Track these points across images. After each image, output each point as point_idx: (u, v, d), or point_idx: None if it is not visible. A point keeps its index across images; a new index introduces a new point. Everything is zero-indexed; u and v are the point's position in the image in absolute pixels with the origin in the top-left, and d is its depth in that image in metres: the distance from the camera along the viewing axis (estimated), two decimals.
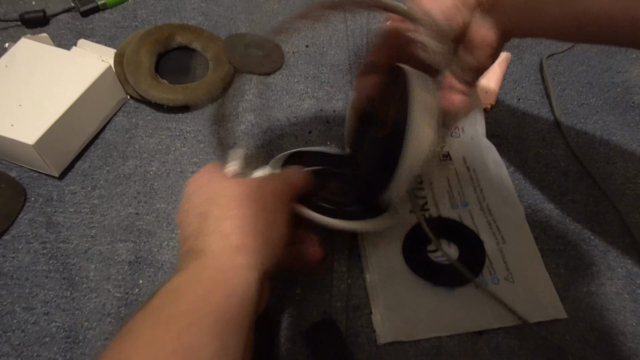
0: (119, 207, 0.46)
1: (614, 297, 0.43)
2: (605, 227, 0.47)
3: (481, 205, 0.46)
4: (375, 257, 0.42)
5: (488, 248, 0.43)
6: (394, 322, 0.39)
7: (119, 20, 0.60)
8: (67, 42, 0.57)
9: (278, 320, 0.40)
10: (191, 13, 0.61)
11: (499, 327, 0.40)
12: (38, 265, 0.42)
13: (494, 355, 0.39)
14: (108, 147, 0.50)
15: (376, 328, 0.39)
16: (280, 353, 0.39)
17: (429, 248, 0.43)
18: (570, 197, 0.48)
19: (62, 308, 0.40)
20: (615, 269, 0.44)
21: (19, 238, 0.44)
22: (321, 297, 0.41)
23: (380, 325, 0.39)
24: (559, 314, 0.41)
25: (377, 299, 0.40)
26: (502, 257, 0.43)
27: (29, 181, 0.47)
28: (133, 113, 0.52)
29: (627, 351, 0.40)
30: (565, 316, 0.41)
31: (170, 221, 0.45)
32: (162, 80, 0.52)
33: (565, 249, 0.45)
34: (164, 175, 0.48)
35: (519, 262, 0.43)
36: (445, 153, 0.50)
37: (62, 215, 0.45)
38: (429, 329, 0.39)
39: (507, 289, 0.41)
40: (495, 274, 0.42)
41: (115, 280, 0.42)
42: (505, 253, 0.43)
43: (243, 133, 0.51)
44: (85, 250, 0.43)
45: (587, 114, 0.55)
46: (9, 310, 0.40)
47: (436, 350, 0.39)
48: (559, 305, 0.41)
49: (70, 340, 0.39)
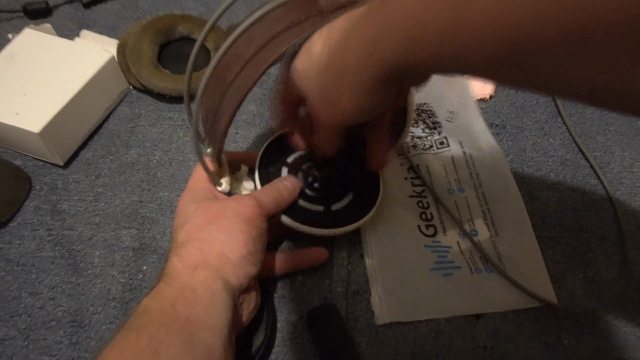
0: (123, 195, 0.47)
1: (610, 284, 0.43)
2: (602, 214, 0.47)
3: (477, 192, 0.47)
4: (375, 241, 0.43)
5: (482, 239, 0.44)
6: (392, 303, 0.40)
7: (121, 11, 0.60)
8: (69, 33, 0.57)
9: (280, 306, 0.41)
10: (192, 4, 0.61)
11: (494, 312, 0.41)
12: (44, 252, 0.43)
13: (492, 340, 0.40)
14: (111, 136, 0.50)
15: (375, 309, 0.40)
16: (282, 337, 0.39)
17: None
18: (567, 185, 0.49)
19: (68, 293, 0.41)
20: (612, 256, 0.45)
21: (24, 225, 0.44)
22: (322, 282, 0.42)
23: (379, 307, 0.40)
24: (550, 299, 0.42)
25: (376, 282, 0.41)
26: (494, 249, 0.44)
27: (34, 170, 0.47)
28: (136, 103, 0.53)
29: (622, 335, 0.41)
30: (555, 302, 0.42)
31: (172, 209, 0.46)
32: (164, 70, 0.52)
33: (563, 236, 0.46)
34: (166, 164, 0.49)
35: (513, 252, 0.44)
36: (442, 140, 0.50)
37: (66, 203, 0.46)
38: (427, 311, 0.40)
39: (500, 278, 0.42)
40: (488, 264, 0.43)
41: (119, 266, 0.43)
42: (497, 245, 0.44)
43: (245, 123, 0.52)
44: (89, 237, 0.44)
45: None
46: (16, 295, 0.41)
47: (434, 335, 0.40)
48: (551, 292, 0.42)
49: (76, 324, 0.40)
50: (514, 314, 0.41)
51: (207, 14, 0.60)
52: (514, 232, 0.45)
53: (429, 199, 0.46)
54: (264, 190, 0.37)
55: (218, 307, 0.28)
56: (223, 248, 0.31)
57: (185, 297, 0.28)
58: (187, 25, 0.55)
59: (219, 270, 0.30)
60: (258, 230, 0.33)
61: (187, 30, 0.56)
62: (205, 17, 0.58)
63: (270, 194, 0.36)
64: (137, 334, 0.25)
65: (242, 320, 0.32)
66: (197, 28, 0.56)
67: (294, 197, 0.38)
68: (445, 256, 0.43)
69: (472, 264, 0.43)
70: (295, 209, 0.38)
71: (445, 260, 0.43)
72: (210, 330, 0.27)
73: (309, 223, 0.37)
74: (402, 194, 0.46)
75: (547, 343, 0.40)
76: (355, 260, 0.43)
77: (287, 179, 0.38)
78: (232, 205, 0.33)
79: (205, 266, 0.29)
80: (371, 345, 0.39)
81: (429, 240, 0.44)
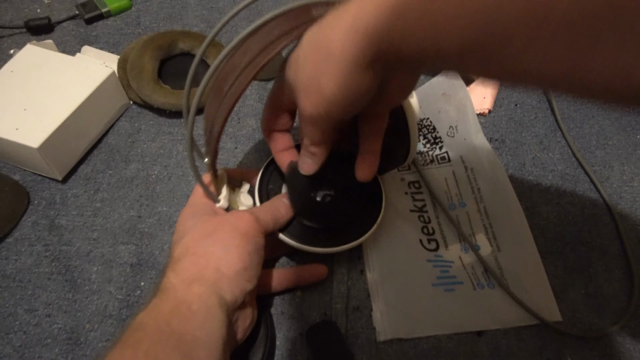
0: (121, 210, 0.46)
1: (612, 299, 0.43)
2: (603, 229, 0.47)
3: (478, 206, 0.47)
4: (376, 255, 0.43)
5: (484, 254, 0.44)
6: (393, 319, 0.40)
7: (122, 27, 0.61)
8: (71, 49, 0.57)
9: (279, 322, 0.40)
10: (193, 20, 0.62)
11: (497, 328, 0.40)
12: (40, 268, 0.43)
13: (493, 357, 0.39)
14: (111, 151, 0.50)
15: (376, 325, 0.40)
16: (281, 354, 0.39)
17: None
18: (567, 199, 0.49)
19: (64, 310, 0.41)
20: (613, 270, 0.45)
21: (22, 240, 0.44)
22: (321, 298, 0.42)
23: (380, 323, 0.40)
24: (554, 317, 0.41)
25: (378, 297, 0.41)
26: (497, 264, 0.43)
27: (33, 184, 0.47)
28: (136, 118, 0.53)
29: (625, 352, 0.40)
30: (560, 319, 0.41)
31: (171, 224, 0.46)
32: (164, 85, 0.53)
33: (563, 250, 0.45)
34: (165, 179, 0.49)
35: (515, 267, 0.43)
36: (444, 155, 0.50)
37: (64, 218, 0.46)
38: (429, 327, 0.40)
39: (503, 294, 0.42)
40: (490, 280, 0.42)
41: (117, 282, 0.42)
42: (500, 260, 0.44)
43: (244, 137, 0.52)
44: (87, 253, 0.44)
45: (583, 118, 0.55)
46: (11, 312, 0.41)
47: (435, 352, 0.39)
48: (554, 307, 0.41)
49: (72, 341, 0.39)
50: (515, 330, 0.40)
51: (207, 30, 0.61)
52: (516, 246, 0.44)
53: (430, 214, 0.46)
54: (263, 206, 0.37)
55: (213, 324, 0.28)
56: (219, 263, 0.30)
57: (181, 313, 0.27)
58: (187, 41, 0.56)
59: (215, 285, 0.29)
60: (255, 245, 0.32)
61: (187, 46, 0.56)
62: (205, 34, 0.59)
63: (268, 211, 0.36)
64: (133, 350, 0.25)
65: (238, 336, 0.32)
66: (197, 44, 0.56)
67: (292, 214, 0.37)
68: (448, 271, 0.43)
69: (475, 279, 0.42)
70: (295, 227, 0.38)
71: (447, 275, 0.42)
72: (205, 348, 0.27)
73: (308, 241, 0.37)
74: (403, 208, 0.46)
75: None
76: (355, 276, 0.43)
77: (285, 196, 0.38)
78: (230, 220, 0.33)
79: (201, 280, 0.29)
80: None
81: (431, 255, 0.43)
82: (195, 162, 0.35)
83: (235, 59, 0.32)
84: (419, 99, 0.48)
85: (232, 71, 0.32)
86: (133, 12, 0.62)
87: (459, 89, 0.54)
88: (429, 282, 0.42)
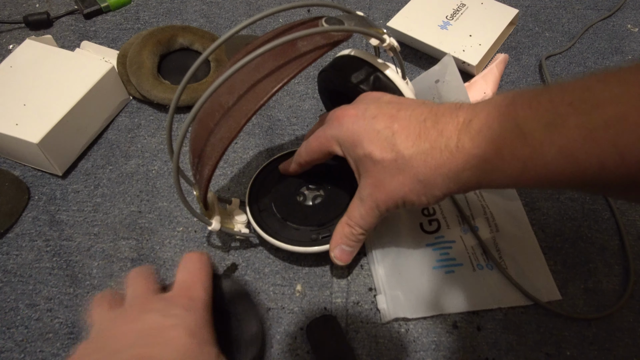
0: (122, 205, 0.46)
1: (611, 294, 0.43)
2: (603, 224, 0.47)
3: (476, 192, 0.47)
4: (377, 239, 0.44)
5: (482, 235, 0.44)
6: (396, 301, 0.41)
7: (122, 22, 0.60)
8: (70, 44, 0.57)
9: (279, 317, 0.41)
10: (193, 15, 0.62)
11: (497, 307, 0.41)
12: (41, 263, 0.43)
13: (492, 351, 0.39)
14: (111, 146, 0.50)
15: (380, 307, 0.41)
16: (281, 349, 0.39)
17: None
18: (567, 195, 0.49)
19: (65, 304, 0.41)
20: (613, 266, 0.45)
21: (22, 236, 0.44)
22: (321, 293, 0.42)
23: (384, 305, 0.41)
24: (553, 295, 0.42)
25: (380, 280, 0.42)
26: (495, 245, 0.44)
27: (33, 180, 0.47)
28: (135, 113, 0.53)
29: (625, 347, 0.40)
30: (559, 297, 0.42)
31: (172, 219, 0.46)
32: (164, 80, 0.52)
33: (563, 246, 0.46)
34: (165, 174, 0.49)
35: (513, 248, 0.44)
36: None
37: (65, 214, 0.46)
38: (430, 308, 0.41)
39: (501, 275, 0.43)
40: (489, 261, 0.43)
41: (117, 277, 0.42)
42: (498, 242, 0.44)
43: (244, 133, 0.52)
44: (88, 248, 0.44)
45: None
46: (13, 306, 0.41)
47: (435, 346, 0.39)
48: (553, 287, 0.42)
49: (73, 336, 0.39)
50: (515, 324, 0.41)
51: (207, 25, 0.61)
52: (514, 228, 0.45)
53: None
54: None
55: None
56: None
57: None
58: (187, 36, 0.56)
59: None
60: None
61: (187, 41, 0.56)
62: (205, 29, 0.59)
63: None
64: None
65: None
66: (197, 39, 0.56)
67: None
68: (448, 253, 0.43)
69: (475, 259, 0.43)
70: (289, 231, 0.40)
71: (447, 257, 0.43)
72: None
73: (306, 243, 0.39)
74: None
75: (548, 354, 0.40)
76: (355, 271, 0.43)
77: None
78: None
79: None
80: (371, 356, 0.39)
81: (431, 238, 0.44)
82: (182, 192, 0.35)
83: (221, 97, 0.32)
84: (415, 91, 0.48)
85: (219, 109, 0.32)
86: (132, 7, 0.62)
87: (453, 77, 0.53)
88: (430, 265, 0.43)
